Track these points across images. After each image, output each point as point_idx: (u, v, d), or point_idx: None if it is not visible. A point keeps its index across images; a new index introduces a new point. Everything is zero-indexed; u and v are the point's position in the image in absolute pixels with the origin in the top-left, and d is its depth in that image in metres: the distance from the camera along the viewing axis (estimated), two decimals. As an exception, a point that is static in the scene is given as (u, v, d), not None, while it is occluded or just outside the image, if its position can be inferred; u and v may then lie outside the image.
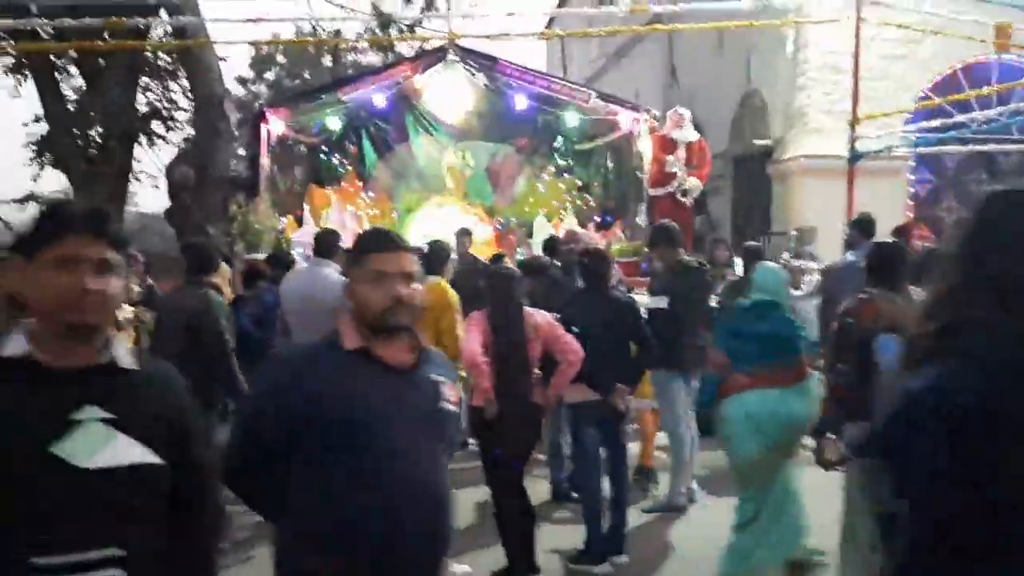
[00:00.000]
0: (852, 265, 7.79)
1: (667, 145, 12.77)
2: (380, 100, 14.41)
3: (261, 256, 12.56)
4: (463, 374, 5.87)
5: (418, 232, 15.76)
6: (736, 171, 13.26)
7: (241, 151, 14.25)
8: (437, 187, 17.01)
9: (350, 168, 16.64)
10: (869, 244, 6.23)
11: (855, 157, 11.10)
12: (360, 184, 16.50)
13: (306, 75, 32.91)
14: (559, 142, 17.66)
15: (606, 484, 5.82)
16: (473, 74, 14.76)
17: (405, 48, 18.95)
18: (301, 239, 14.27)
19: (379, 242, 2.62)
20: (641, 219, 13.61)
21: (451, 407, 2.59)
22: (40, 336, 1.86)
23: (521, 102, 13.66)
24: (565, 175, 17.33)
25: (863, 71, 11.37)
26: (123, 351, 1.95)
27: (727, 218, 15.62)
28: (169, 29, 14.12)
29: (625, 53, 21.87)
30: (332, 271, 6.56)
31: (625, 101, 13.34)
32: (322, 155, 15.80)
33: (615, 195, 15.35)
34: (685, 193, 12.65)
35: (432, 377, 2.57)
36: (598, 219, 15.74)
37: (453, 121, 17.01)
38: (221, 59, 19.76)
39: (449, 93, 16.44)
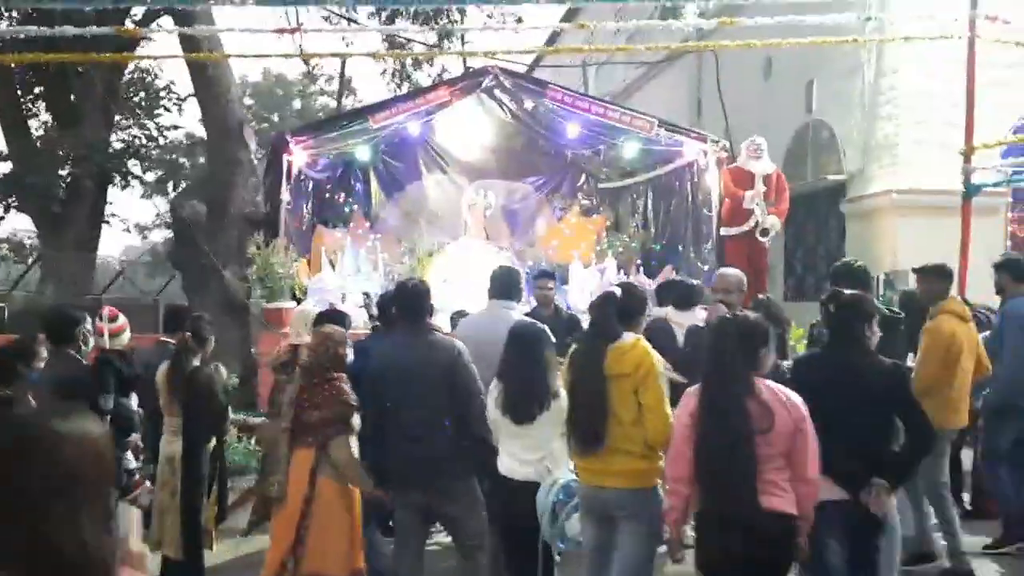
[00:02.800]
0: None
1: (742, 178, 11.38)
2: (415, 129, 12.88)
3: (285, 305, 10.98)
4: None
5: (441, 275, 14.32)
6: (793, 209, 11.89)
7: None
8: (451, 228, 15.59)
9: (355, 208, 15.17)
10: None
11: (969, 192, 9.75)
12: (367, 225, 15.03)
13: (275, 118, 31.42)
14: (581, 180, 16.40)
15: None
16: (508, 102, 13.32)
17: (422, 78, 17.54)
18: (318, 286, 12.67)
19: None
20: (706, 262, 12.16)
21: None
22: None
23: (573, 130, 12.19)
24: (594, 215, 16.05)
25: (957, 97, 10.08)
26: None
27: (779, 260, 14.23)
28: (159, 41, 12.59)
29: (648, 80, 20.48)
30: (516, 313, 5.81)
31: (691, 130, 11.95)
32: (326, 193, 14.24)
33: (664, 235, 13.92)
34: (765, 233, 11.24)
35: None
36: (639, 262, 14.34)
37: (468, 158, 15.67)
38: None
39: (464, 127, 15.09)
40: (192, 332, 5.94)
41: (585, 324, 6.99)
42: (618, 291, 4.67)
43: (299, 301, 11.13)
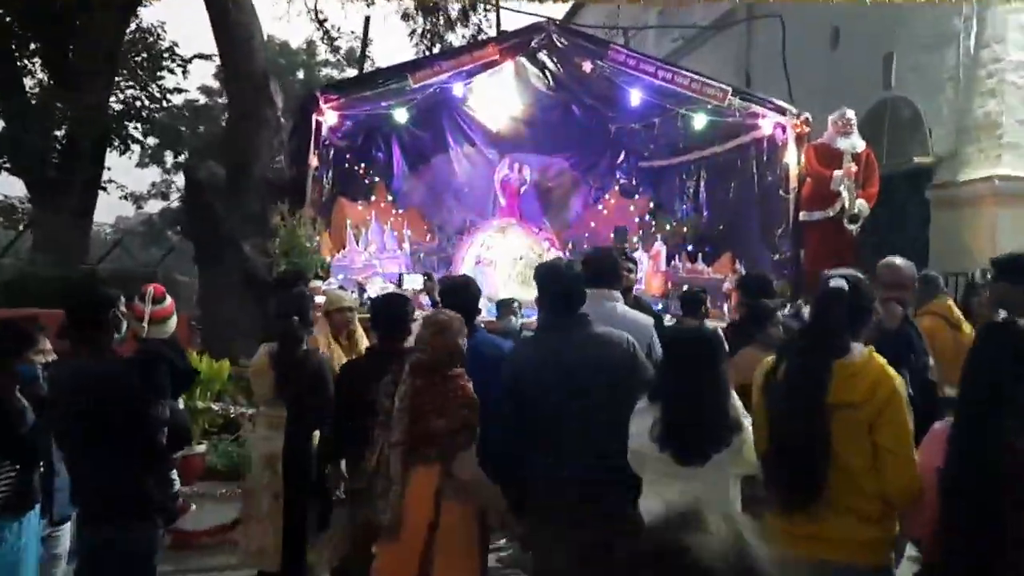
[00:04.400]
0: None
1: (829, 157, 10.12)
2: (459, 90, 11.59)
3: (314, 284, 9.70)
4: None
5: (473, 256, 13.09)
6: (870, 196, 10.71)
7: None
8: (479, 206, 14.34)
9: (377, 180, 13.92)
10: None
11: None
12: (390, 199, 13.78)
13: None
14: (621, 157, 15.14)
15: None
16: (556, 65, 11.99)
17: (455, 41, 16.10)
18: (343, 264, 11.39)
19: None
20: (777, 251, 10.89)
21: None
22: None
23: (635, 97, 10.88)
24: (634, 196, 14.81)
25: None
26: None
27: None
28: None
29: (687, 52, 19.07)
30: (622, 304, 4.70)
31: (769, 100, 10.66)
32: (346, 163, 12.95)
33: (721, 220, 12.64)
34: (855, 219, 9.99)
35: None
36: (690, 248, 13.08)
37: (499, 129, 14.41)
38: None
39: (499, 95, 13.82)
40: (298, 313, 5.21)
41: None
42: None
43: (319, 280, 9.91)
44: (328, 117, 10.16)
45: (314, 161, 10.11)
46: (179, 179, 26.20)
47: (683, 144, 13.50)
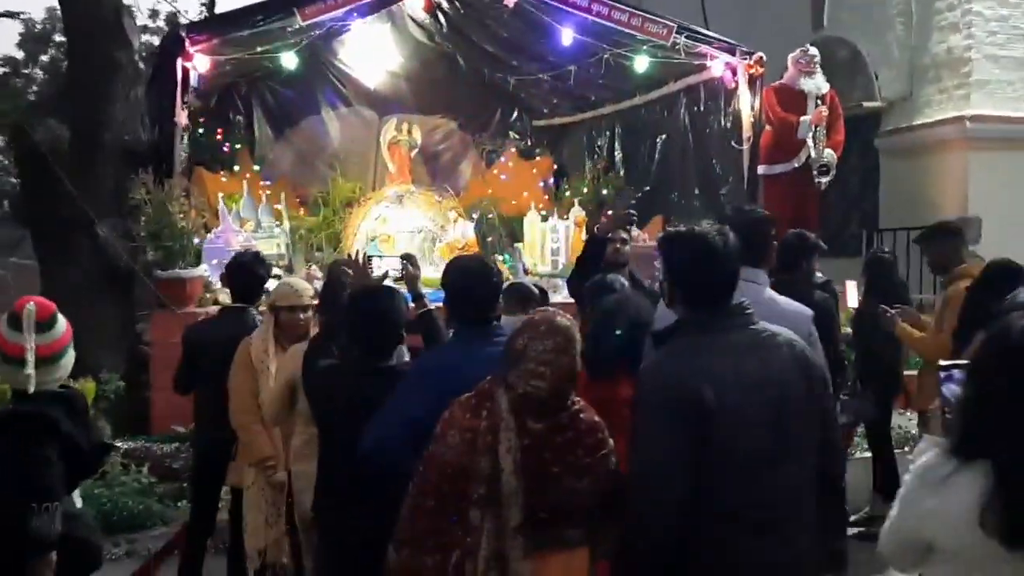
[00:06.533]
0: None
1: (791, 100, 8.86)
2: (361, 30, 9.72)
3: (191, 272, 7.73)
4: None
5: (368, 232, 11.28)
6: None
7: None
8: (358, 173, 12.48)
9: (238, 147, 11.85)
10: None
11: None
12: (256, 168, 11.76)
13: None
14: (515, 114, 13.58)
15: None
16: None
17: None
18: (217, 245, 9.33)
19: None
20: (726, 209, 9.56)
21: None
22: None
23: (567, 36, 9.26)
24: (535, 157, 13.29)
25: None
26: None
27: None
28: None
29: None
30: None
31: (718, 38, 9.27)
32: (200, 127, 10.81)
33: (648, 178, 11.23)
34: (825, 171, 8.76)
35: None
36: (608, 212, 11.63)
37: (375, 86, 12.59)
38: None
39: (371, 49, 12.01)
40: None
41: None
42: None
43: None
44: (198, 62, 8.08)
45: (182, 119, 8.03)
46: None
47: (595, 96, 12.03)
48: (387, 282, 4.46)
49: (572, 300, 5.73)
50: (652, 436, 2.55)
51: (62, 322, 2.83)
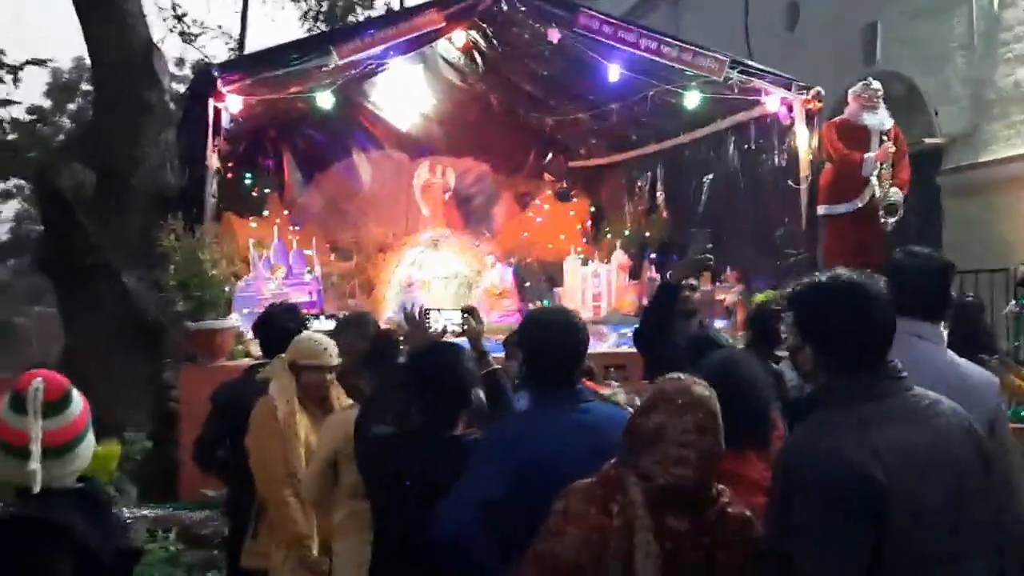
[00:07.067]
0: None
1: (854, 137, 8.36)
2: (400, 68, 9.36)
3: (224, 323, 7.29)
4: None
5: (403, 279, 10.88)
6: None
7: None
8: (390, 219, 12.13)
9: (268, 192, 11.55)
10: None
11: None
12: (286, 214, 11.43)
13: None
14: (549, 156, 13.23)
15: None
16: (500, 38, 9.78)
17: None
18: (249, 294, 8.91)
19: None
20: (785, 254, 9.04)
21: None
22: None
23: (614, 72, 8.82)
24: (573, 199, 12.94)
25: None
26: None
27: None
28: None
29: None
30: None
31: (772, 72, 8.80)
32: (228, 171, 10.42)
33: (695, 220, 10.70)
34: (892, 210, 8.23)
35: None
36: (653, 256, 11.14)
37: (408, 128, 12.32)
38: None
39: (403, 90, 11.73)
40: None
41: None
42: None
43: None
44: (230, 102, 7.68)
45: (213, 162, 7.62)
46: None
47: (636, 136, 11.59)
48: (446, 338, 4.00)
49: (637, 352, 5.24)
50: (818, 534, 2.05)
51: (77, 401, 2.33)
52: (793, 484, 2.13)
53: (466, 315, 3.97)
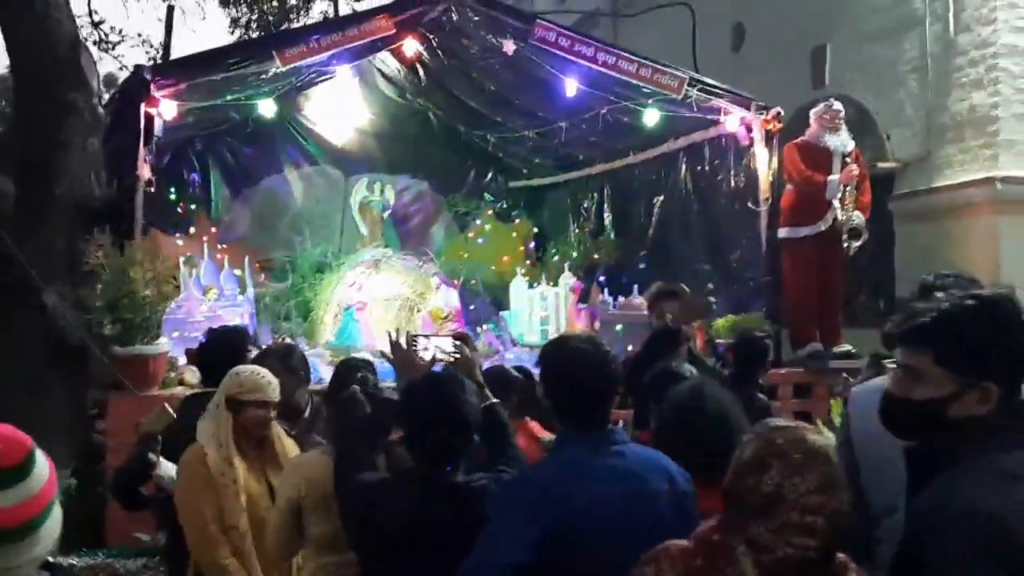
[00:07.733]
0: None
1: (816, 158, 8.15)
2: (345, 75, 8.86)
3: (154, 349, 6.69)
4: None
5: (341, 301, 10.33)
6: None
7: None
8: (324, 236, 11.65)
9: (193, 207, 11.02)
10: None
11: None
12: (213, 231, 10.87)
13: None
14: (489, 175, 12.90)
15: None
16: (445, 49, 9.35)
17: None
18: (180, 316, 8.26)
19: None
20: (735, 279, 8.79)
21: None
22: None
23: (571, 87, 8.46)
24: (515, 220, 12.60)
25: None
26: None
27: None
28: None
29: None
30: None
31: (733, 91, 8.55)
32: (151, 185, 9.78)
33: (646, 242, 10.39)
34: (856, 235, 8.04)
35: None
36: (601, 278, 10.81)
37: (343, 143, 11.92)
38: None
39: (338, 105, 11.35)
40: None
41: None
42: None
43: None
44: (164, 108, 7.09)
45: (145, 172, 7.01)
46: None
47: (582, 155, 11.28)
48: (436, 368, 3.54)
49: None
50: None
51: (42, 466, 1.79)
52: (945, 544, 1.76)
53: (458, 343, 3.52)
